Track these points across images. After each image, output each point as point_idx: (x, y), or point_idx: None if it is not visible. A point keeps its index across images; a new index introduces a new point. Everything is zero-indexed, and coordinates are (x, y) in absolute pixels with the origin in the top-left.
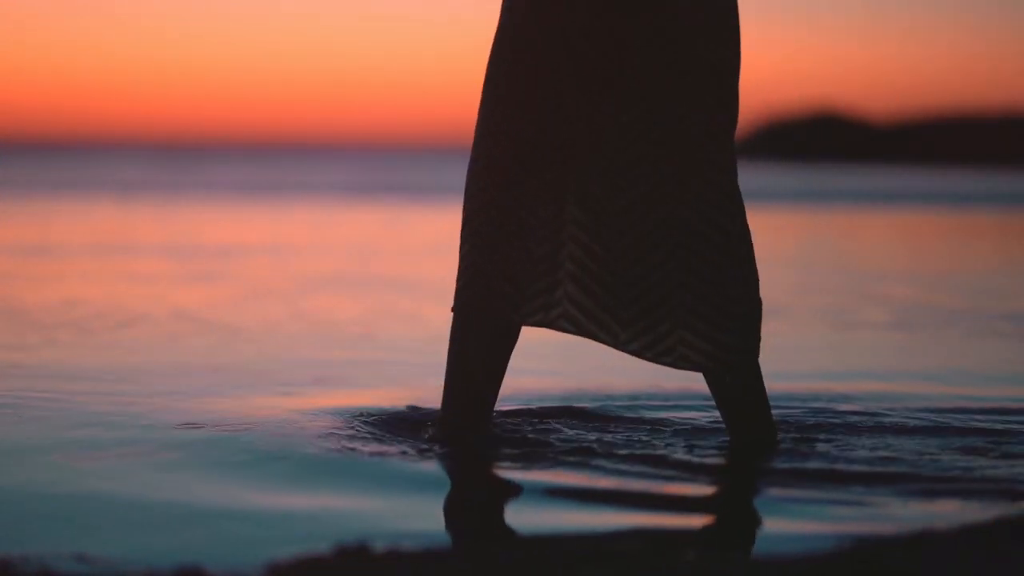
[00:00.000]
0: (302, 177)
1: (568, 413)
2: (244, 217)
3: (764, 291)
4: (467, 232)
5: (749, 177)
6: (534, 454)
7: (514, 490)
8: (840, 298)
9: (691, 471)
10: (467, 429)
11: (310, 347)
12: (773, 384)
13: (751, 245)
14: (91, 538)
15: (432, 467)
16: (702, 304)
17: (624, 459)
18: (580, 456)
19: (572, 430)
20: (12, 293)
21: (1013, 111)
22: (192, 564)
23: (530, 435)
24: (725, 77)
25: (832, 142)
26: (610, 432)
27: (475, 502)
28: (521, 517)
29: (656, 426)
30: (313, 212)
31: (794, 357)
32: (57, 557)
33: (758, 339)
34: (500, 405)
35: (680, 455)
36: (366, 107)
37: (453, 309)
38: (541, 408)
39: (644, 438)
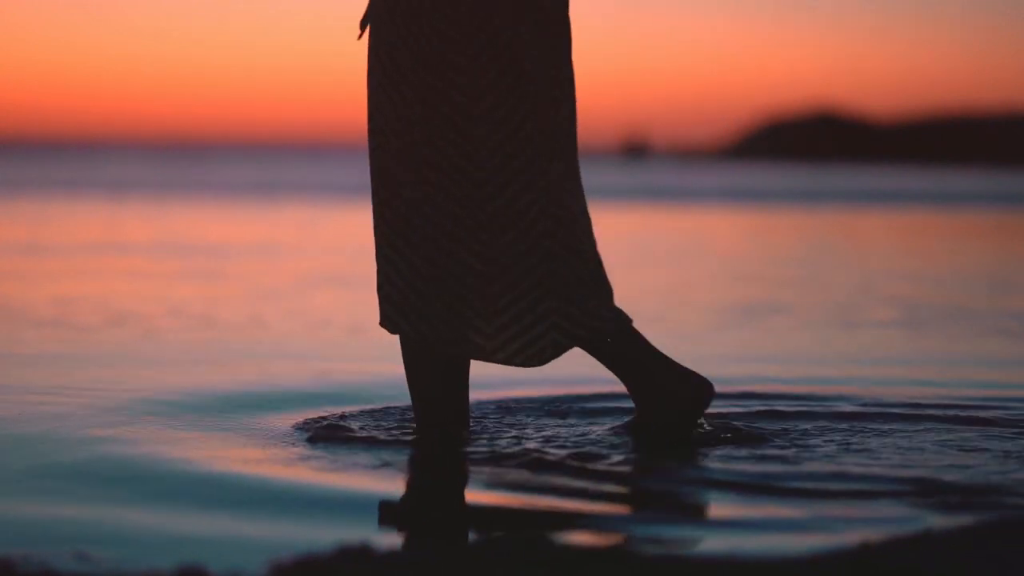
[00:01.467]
0: (300, 177)
1: (537, 404)
2: (239, 216)
3: (767, 290)
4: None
5: (750, 177)
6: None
7: (487, 497)
8: (840, 296)
9: (682, 475)
10: (442, 434)
11: (286, 348)
12: (774, 377)
13: (588, 217)
14: (91, 538)
15: (390, 480)
16: (565, 282)
17: (606, 464)
18: (547, 465)
19: (543, 428)
20: None
21: (1014, 111)
22: (193, 564)
23: (504, 447)
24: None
25: (832, 142)
26: (586, 427)
27: (441, 510)
28: (499, 523)
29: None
30: (309, 212)
31: (795, 354)
32: (58, 556)
33: (611, 304)
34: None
35: (677, 460)
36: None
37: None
38: (516, 403)
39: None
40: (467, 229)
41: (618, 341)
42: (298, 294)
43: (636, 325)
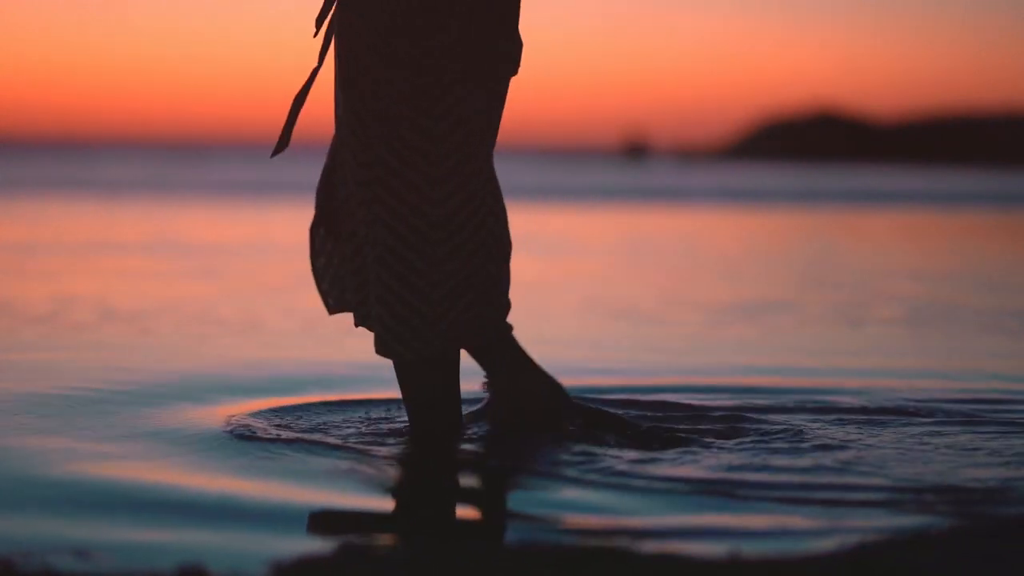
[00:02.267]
0: (299, 177)
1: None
2: (235, 216)
3: (768, 288)
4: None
5: (751, 177)
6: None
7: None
8: (841, 295)
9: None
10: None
11: (249, 346)
12: (780, 368)
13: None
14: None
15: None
16: (496, 286)
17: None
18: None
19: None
20: None
21: (1016, 111)
22: (193, 563)
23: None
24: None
25: (833, 141)
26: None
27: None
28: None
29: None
30: (307, 212)
31: (796, 350)
32: (59, 556)
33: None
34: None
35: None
36: None
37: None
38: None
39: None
40: (417, 231)
41: (500, 341)
42: (279, 293)
43: (637, 324)
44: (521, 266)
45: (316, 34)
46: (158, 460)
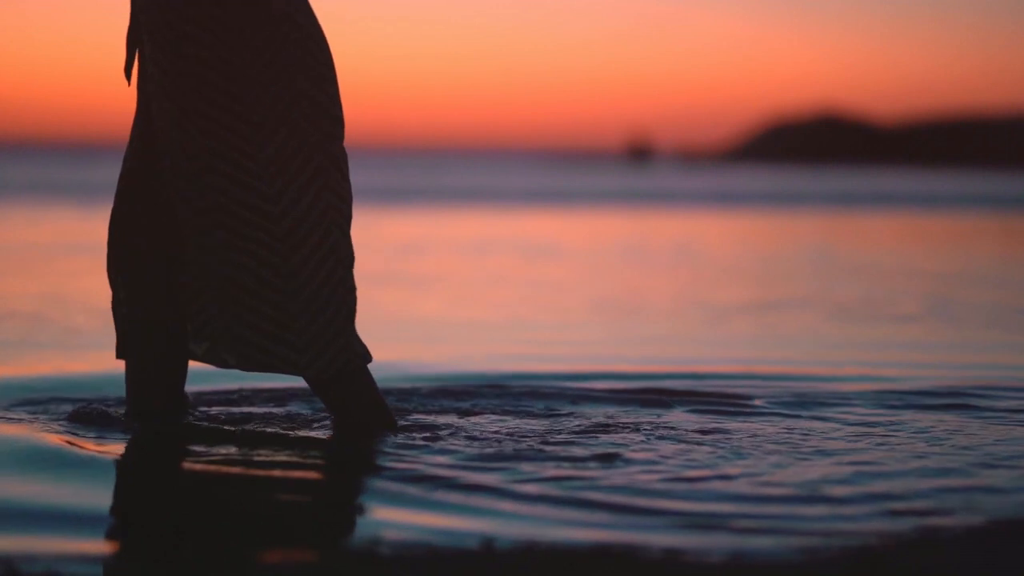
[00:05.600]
0: None
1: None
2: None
3: (768, 287)
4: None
5: (754, 179)
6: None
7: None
8: (844, 295)
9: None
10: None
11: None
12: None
13: None
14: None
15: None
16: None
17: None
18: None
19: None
20: None
21: (1019, 112)
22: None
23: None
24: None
25: (836, 144)
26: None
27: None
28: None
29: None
30: None
31: (799, 349)
32: (61, 558)
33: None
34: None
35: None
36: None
37: None
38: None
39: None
40: (260, 244)
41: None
42: None
43: (640, 322)
44: (523, 268)
45: (130, 84)
46: None
